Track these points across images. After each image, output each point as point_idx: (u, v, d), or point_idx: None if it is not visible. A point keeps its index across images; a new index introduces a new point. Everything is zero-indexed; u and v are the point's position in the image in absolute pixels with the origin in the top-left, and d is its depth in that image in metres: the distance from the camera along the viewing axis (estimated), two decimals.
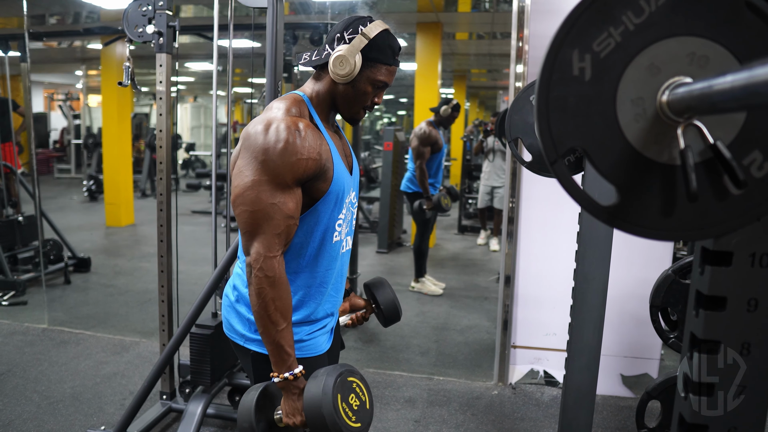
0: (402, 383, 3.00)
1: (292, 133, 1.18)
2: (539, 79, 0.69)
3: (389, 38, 1.29)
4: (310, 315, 1.34)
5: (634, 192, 0.71)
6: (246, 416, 1.21)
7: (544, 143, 0.70)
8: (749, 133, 0.69)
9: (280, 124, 1.19)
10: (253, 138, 1.20)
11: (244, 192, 1.18)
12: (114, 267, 5.23)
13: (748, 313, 0.79)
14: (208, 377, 2.33)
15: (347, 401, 1.17)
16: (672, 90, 0.67)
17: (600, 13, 0.68)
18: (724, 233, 0.72)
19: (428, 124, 4.32)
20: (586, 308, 1.79)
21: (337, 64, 1.25)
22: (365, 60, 1.26)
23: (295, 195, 1.21)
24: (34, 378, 2.91)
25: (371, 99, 1.33)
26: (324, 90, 1.32)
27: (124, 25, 2.30)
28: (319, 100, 1.33)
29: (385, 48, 1.27)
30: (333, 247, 1.34)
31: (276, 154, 1.17)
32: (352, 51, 1.24)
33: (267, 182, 1.17)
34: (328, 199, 1.28)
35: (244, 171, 1.19)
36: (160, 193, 2.40)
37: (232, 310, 1.39)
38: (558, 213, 2.89)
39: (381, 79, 1.29)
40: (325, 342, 1.40)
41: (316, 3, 5.00)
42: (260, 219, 1.18)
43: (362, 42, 1.25)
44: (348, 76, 1.26)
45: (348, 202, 1.36)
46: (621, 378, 2.94)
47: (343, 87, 1.29)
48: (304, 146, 1.19)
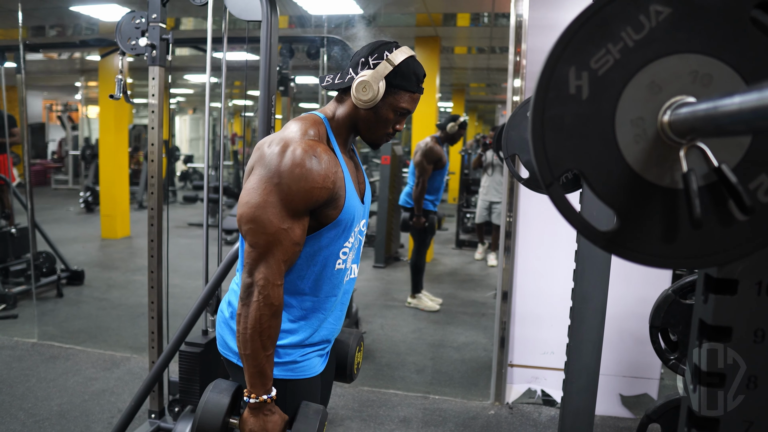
0: (397, 402, 2.94)
1: (309, 158, 1.15)
2: (534, 97, 0.65)
3: (414, 65, 1.26)
4: (305, 339, 1.31)
5: (634, 217, 0.67)
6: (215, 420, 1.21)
7: (539, 165, 0.66)
8: (755, 156, 0.65)
9: (297, 147, 1.16)
10: (269, 158, 1.16)
11: (254, 211, 1.15)
12: (108, 280, 5.17)
13: (754, 344, 0.75)
14: (197, 396, 2.27)
15: None
16: (674, 110, 0.63)
17: (598, 29, 0.64)
18: (729, 261, 0.68)
19: (433, 139, 4.29)
20: (585, 329, 1.75)
21: (360, 90, 1.22)
22: (389, 86, 1.24)
23: (303, 222, 1.18)
24: (20, 395, 2.85)
25: (393, 125, 1.30)
26: (345, 114, 1.29)
27: (117, 37, 2.27)
28: (339, 124, 1.30)
29: (410, 75, 1.25)
30: (336, 274, 1.30)
31: (291, 178, 1.13)
32: (377, 77, 1.22)
33: (278, 204, 1.14)
34: (336, 227, 1.24)
35: (256, 188, 1.16)
36: (151, 208, 2.36)
37: (227, 327, 1.34)
38: (556, 229, 2.85)
39: (404, 106, 1.27)
40: (319, 364, 1.36)
41: (314, 16, 5.00)
42: (271, 242, 1.15)
43: (387, 68, 1.22)
44: (370, 102, 1.23)
45: (357, 231, 1.33)
46: (620, 398, 2.88)
47: (365, 112, 1.27)
48: (320, 173, 1.16)
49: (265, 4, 2.09)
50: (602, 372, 2.33)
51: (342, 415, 2.77)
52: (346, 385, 3.09)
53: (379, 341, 3.82)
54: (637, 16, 0.64)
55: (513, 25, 2.84)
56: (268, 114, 2.11)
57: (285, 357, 1.28)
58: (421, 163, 4.20)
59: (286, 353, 1.28)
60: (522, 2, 2.81)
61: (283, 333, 1.28)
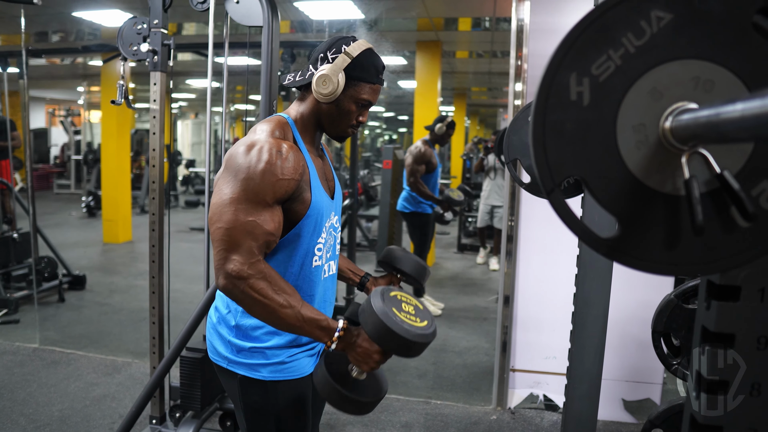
0: (399, 407, 2.93)
1: (273, 154, 1.17)
2: (535, 103, 0.65)
3: (372, 57, 1.28)
4: (293, 341, 1.31)
5: (635, 224, 0.66)
6: (331, 388, 1.15)
7: (540, 171, 0.66)
8: (758, 162, 0.65)
9: (263, 145, 1.18)
10: (235, 158, 1.19)
11: (221, 209, 1.16)
12: (109, 285, 5.17)
13: (758, 351, 0.74)
14: (198, 402, 2.27)
15: (403, 310, 1.14)
16: (676, 116, 0.63)
17: (599, 35, 0.64)
18: (731, 268, 0.68)
19: (423, 142, 4.30)
20: (586, 334, 1.74)
21: (320, 84, 1.24)
22: (348, 79, 1.26)
23: (275, 213, 1.19)
24: (21, 400, 2.84)
25: (356, 117, 1.32)
26: (308, 111, 1.32)
27: (119, 43, 2.28)
28: (304, 122, 1.32)
29: (369, 67, 1.27)
30: (313, 272, 1.32)
31: (256, 173, 1.15)
32: (335, 70, 1.24)
33: (245, 200, 1.15)
34: (306, 223, 1.26)
35: (223, 189, 1.17)
36: (153, 213, 2.36)
37: (215, 332, 1.36)
38: (558, 233, 2.85)
39: (364, 97, 1.29)
40: (309, 365, 1.37)
41: (315, 21, 5.01)
42: (238, 234, 1.14)
43: (345, 61, 1.24)
44: (331, 96, 1.25)
45: (328, 227, 1.34)
46: (623, 403, 2.87)
47: (327, 106, 1.29)
48: (286, 167, 1.18)
49: (267, 10, 2.09)
50: (604, 377, 2.32)
51: (343, 420, 2.76)
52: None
53: None
54: (639, 21, 0.63)
55: (514, 29, 2.84)
56: None
57: (273, 358, 1.29)
58: (411, 165, 4.22)
59: (274, 354, 1.29)
60: (523, 7, 2.81)
61: (269, 334, 1.29)
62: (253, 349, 1.29)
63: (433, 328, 1.14)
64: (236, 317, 1.30)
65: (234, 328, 1.31)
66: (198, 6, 2.26)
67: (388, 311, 1.10)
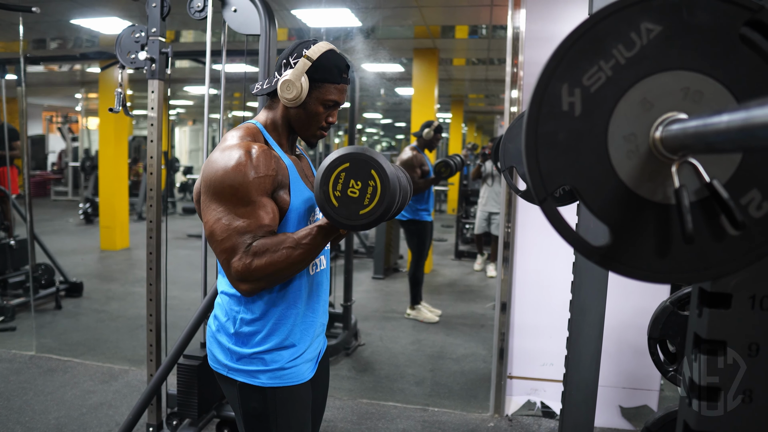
0: (396, 414, 2.92)
1: (243, 155, 1.20)
2: (527, 114, 0.66)
3: (334, 57, 1.31)
4: (285, 339, 1.32)
5: (627, 232, 0.67)
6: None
7: (533, 181, 0.66)
8: (747, 171, 0.66)
9: (233, 150, 1.21)
10: (211, 168, 1.22)
11: (215, 225, 1.20)
12: (107, 292, 5.16)
13: (749, 357, 0.75)
14: (195, 410, 2.26)
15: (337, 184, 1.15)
16: (666, 126, 0.64)
17: (590, 47, 0.65)
18: (722, 275, 0.69)
19: (411, 149, 4.35)
20: (583, 341, 1.75)
21: (285, 89, 1.27)
22: (312, 81, 1.28)
23: (265, 206, 1.22)
24: (17, 408, 2.83)
25: (324, 119, 1.34)
26: (277, 116, 1.35)
27: (117, 51, 2.29)
28: (274, 127, 1.35)
29: (331, 68, 1.29)
30: None
31: (233, 176, 1.18)
32: (297, 74, 1.26)
33: (232, 209, 1.19)
34: (290, 217, 1.28)
35: (210, 205, 1.21)
36: (150, 220, 2.36)
37: (214, 341, 1.37)
38: (555, 240, 2.84)
39: (330, 98, 1.31)
40: (308, 371, 1.38)
41: (312, 29, 5.03)
42: (232, 241, 1.18)
43: (306, 64, 1.27)
44: (296, 100, 1.28)
45: (313, 220, 1.36)
46: (620, 410, 2.87)
47: (295, 110, 1.32)
48: (258, 165, 1.20)
49: (264, 18, 2.11)
50: (601, 383, 2.32)
51: (341, 428, 2.75)
52: (345, 398, 3.08)
53: (378, 353, 3.81)
54: (629, 33, 0.65)
55: (510, 37, 2.86)
56: None
57: (272, 364, 1.30)
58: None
59: (273, 359, 1.30)
60: (519, 15, 2.83)
61: (264, 338, 1.30)
62: (253, 355, 1.30)
63: (381, 195, 1.14)
64: (235, 325, 1.31)
65: (233, 336, 1.31)
66: (196, 15, 2.27)
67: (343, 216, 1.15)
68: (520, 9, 2.82)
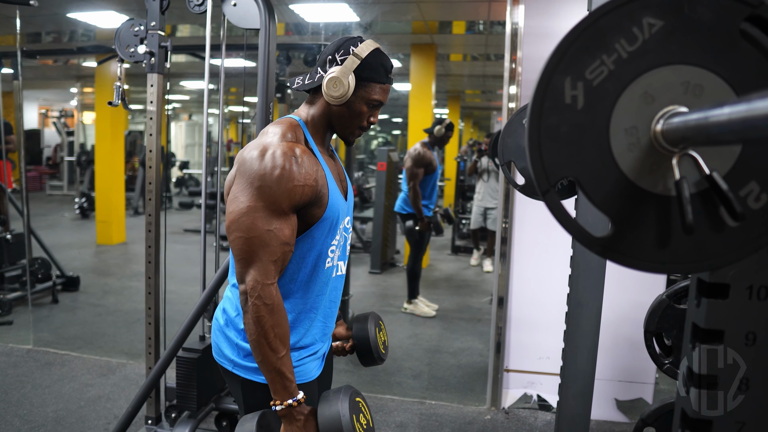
0: (393, 407, 2.94)
1: (288, 159, 1.17)
2: (530, 107, 0.67)
3: (381, 57, 1.28)
4: (299, 341, 1.31)
5: (628, 223, 0.69)
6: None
7: (535, 173, 0.68)
8: (746, 164, 0.67)
9: (276, 150, 1.18)
10: (249, 164, 1.18)
11: (239, 218, 1.16)
12: (103, 286, 5.16)
13: (746, 347, 0.76)
14: (194, 402, 2.27)
15: (359, 421, 1.16)
16: (666, 119, 0.65)
17: (592, 41, 0.66)
18: (721, 266, 0.70)
19: (422, 145, 4.33)
20: (580, 334, 1.77)
21: (331, 86, 1.24)
22: (358, 80, 1.26)
23: (290, 222, 1.19)
24: (15, 401, 2.84)
25: (367, 118, 1.32)
26: (319, 113, 1.31)
27: (116, 44, 2.28)
28: (315, 124, 1.32)
29: (378, 67, 1.27)
30: (325, 272, 1.32)
31: (272, 180, 1.15)
32: (345, 72, 1.24)
33: (263, 209, 1.15)
34: (322, 225, 1.26)
35: (239, 197, 1.17)
36: (149, 214, 2.36)
37: (221, 335, 1.35)
38: (552, 235, 2.87)
39: (375, 98, 1.29)
40: (315, 369, 1.37)
41: (311, 24, 5.03)
42: (256, 246, 1.15)
43: (354, 62, 1.24)
44: (342, 98, 1.25)
45: (342, 228, 1.34)
46: (615, 403, 2.90)
47: (338, 108, 1.29)
48: (301, 173, 1.17)
49: (264, 13, 2.11)
50: (598, 377, 2.34)
51: None
52: None
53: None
54: (631, 28, 0.66)
55: (509, 33, 2.87)
56: (266, 120, 2.12)
57: None
58: (411, 169, 4.25)
59: None
60: (518, 11, 2.84)
61: None
62: None
63: None
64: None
65: (242, 332, 1.29)
66: (195, 8, 2.27)
67: (349, 419, 1.13)
68: (519, 5, 2.83)
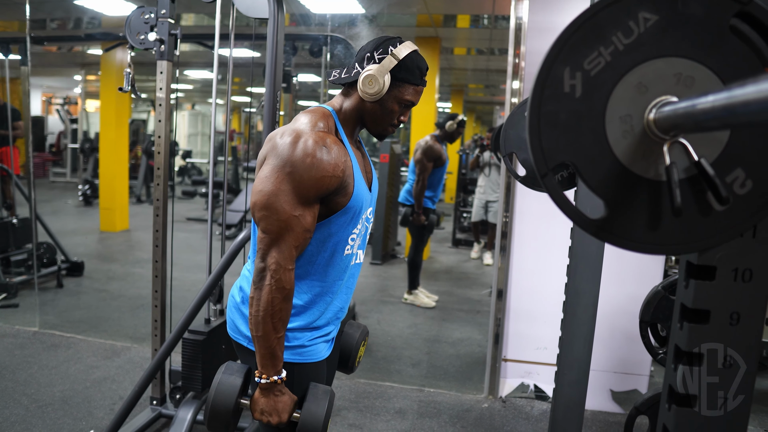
0: (393, 394, 3.00)
1: (319, 148, 1.21)
2: (531, 94, 0.71)
3: (418, 59, 1.32)
4: (313, 322, 1.36)
5: (621, 206, 0.73)
6: (227, 400, 1.26)
7: (534, 157, 0.72)
8: (732, 152, 0.72)
9: (309, 138, 1.22)
10: (281, 148, 1.22)
11: (267, 198, 1.21)
12: (107, 272, 5.21)
13: (730, 326, 0.81)
14: (199, 383, 2.33)
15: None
16: (659, 108, 0.69)
17: (591, 33, 0.70)
18: (707, 248, 0.74)
19: (433, 138, 4.37)
20: (577, 322, 1.81)
21: (367, 83, 1.28)
22: (393, 80, 1.30)
23: (314, 210, 1.24)
24: (23, 381, 2.90)
25: (397, 117, 1.36)
26: (352, 107, 1.36)
27: (126, 31, 2.32)
28: (346, 116, 1.36)
29: (414, 69, 1.31)
30: (344, 259, 1.36)
31: (303, 168, 1.19)
32: (382, 71, 1.28)
33: (290, 192, 1.20)
34: (345, 214, 1.30)
35: (269, 177, 1.21)
36: (157, 198, 2.41)
37: (238, 312, 1.40)
38: (551, 228, 2.92)
39: (408, 98, 1.33)
40: (325, 349, 1.42)
41: (317, 15, 5.05)
42: (282, 228, 1.20)
43: (392, 62, 1.29)
44: (377, 95, 1.29)
45: (364, 218, 1.39)
46: (611, 393, 2.95)
47: (371, 105, 1.33)
48: (330, 163, 1.22)
49: (273, 2, 2.14)
50: (594, 368, 2.39)
51: (339, 406, 2.82)
52: (344, 377, 3.15)
53: (376, 336, 3.88)
54: (627, 22, 0.70)
55: (512, 27, 2.90)
56: (273, 110, 2.16)
57: (294, 341, 1.34)
58: (422, 161, 4.28)
59: (295, 337, 1.34)
60: (522, 5, 2.87)
61: (292, 317, 1.33)
62: None
63: None
64: None
65: None
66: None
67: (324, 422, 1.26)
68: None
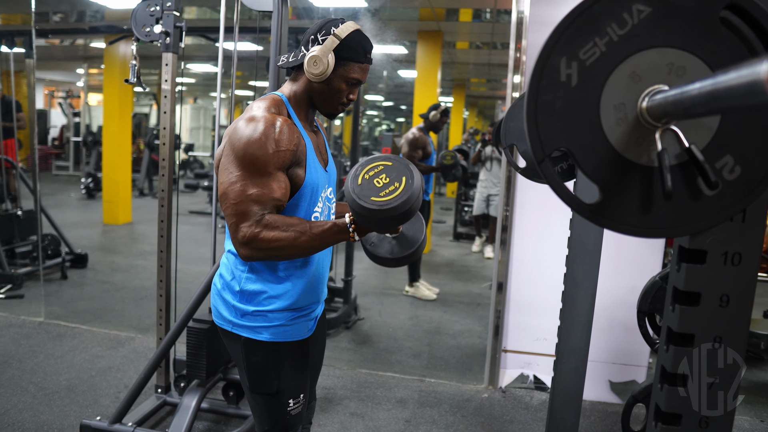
0: (394, 384, 3.04)
1: (269, 128, 1.27)
2: (529, 83, 0.74)
3: (360, 38, 1.37)
4: (293, 303, 1.42)
5: (615, 191, 0.76)
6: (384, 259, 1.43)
7: (532, 144, 0.75)
8: (722, 139, 0.75)
9: (259, 121, 1.28)
10: (234, 135, 1.29)
11: (229, 187, 1.27)
12: (111, 264, 5.25)
13: (720, 308, 0.84)
14: (203, 371, 2.36)
15: (374, 185, 1.25)
16: (651, 97, 0.72)
17: (587, 25, 0.73)
18: (697, 231, 0.77)
19: (418, 129, 4.46)
20: (575, 312, 1.84)
21: (312, 64, 1.33)
22: (338, 59, 1.35)
23: (279, 180, 1.29)
24: (30, 369, 2.94)
25: (346, 95, 1.41)
26: (301, 89, 1.41)
27: (132, 24, 2.35)
28: (297, 100, 1.42)
29: (357, 47, 1.35)
30: None
31: (256, 147, 1.26)
32: (325, 51, 1.33)
33: (249, 175, 1.26)
34: (303, 192, 1.36)
35: (228, 167, 1.29)
36: (162, 190, 2.44)
37: (219, 298, 1.46)
38: (551, 220, 2.94)
39: (354, 76, 1.38)
40: (306, 329, 1.48)
41: (320, 8, 5.07)
42: (245, 206, 1.26)
43: (334, 42, 1.33)
44: (322, 75, 1.34)
45: (324, 197, 1.44)
46: (609, 384, 2.98)
47: (319, 85, 1.38)
48: (282, 139, 1.28)
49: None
50: (592, 359, 2.42)
51: (341, 395, 2.86)
52: (345, 367, 3.19)
53: (377, 327, 3.92)
54: (621, 13, 0.73)
55: (514, 21, 2.92)
56: None
57: (275, 321, 1.40)
58: (408, 153, 4.37)
59: (275, 317, 1.40)
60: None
61: (270, 299, 1.39)
62: (256, 312, 1.39)
63: (398, 196, 1.23)
64: (240, 283, 1.40)
65: (238, 293, 1.40)
66: None
67: (356, 193, 1.23)
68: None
